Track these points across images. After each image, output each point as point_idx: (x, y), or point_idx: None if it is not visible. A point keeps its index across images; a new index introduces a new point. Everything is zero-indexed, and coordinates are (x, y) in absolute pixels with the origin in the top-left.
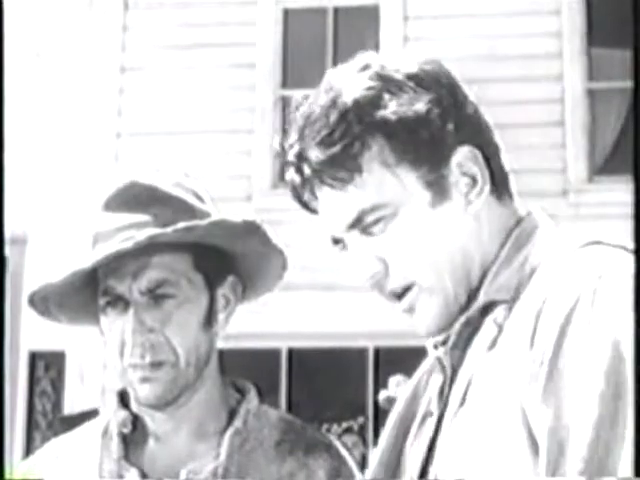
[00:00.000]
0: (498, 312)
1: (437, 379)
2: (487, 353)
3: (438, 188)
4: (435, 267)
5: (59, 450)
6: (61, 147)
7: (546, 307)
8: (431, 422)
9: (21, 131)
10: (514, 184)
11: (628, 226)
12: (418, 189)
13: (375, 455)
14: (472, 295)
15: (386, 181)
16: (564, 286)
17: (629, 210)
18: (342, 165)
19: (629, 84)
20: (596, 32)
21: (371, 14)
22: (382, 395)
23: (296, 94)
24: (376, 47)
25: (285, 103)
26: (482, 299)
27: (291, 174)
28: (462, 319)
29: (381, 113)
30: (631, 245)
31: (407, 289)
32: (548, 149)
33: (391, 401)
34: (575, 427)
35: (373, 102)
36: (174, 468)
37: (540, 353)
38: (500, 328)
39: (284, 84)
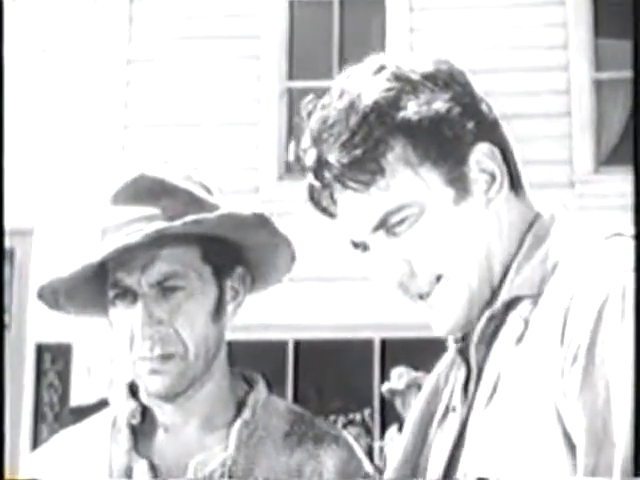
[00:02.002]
0: (523, 307)
1: (460, 374)
2: (515, 348)
3: (460, 185)
4: (461, 262)
5: (69, 442)
6: (68, 139)
7: (575, 303)
8: (455, 417)
9: (29, 124)
10: (526, 178)
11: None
12: (441, 187)
13: (397, 451)
14: (495, 290)
15: (410, 181)
16: (592, 281)
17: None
18: (365, 168)
19: None
20: (602, 22)
21: (377, 5)
22: (385, 387)
23: (302, 86)
24: (382, 38)
25: (291, 94)
26: (506, 294)
27: (310, 179)
28: (487, 314)
29: (402, 114)
30: (633, 235)
31: (432, 286)
32: (554, 140)
33: (394, 393)
34: (613, 424)
35: (393, 103)
36: (183, 459)
37: (573, 349)
38: (526, 323)
39: (290, 76)
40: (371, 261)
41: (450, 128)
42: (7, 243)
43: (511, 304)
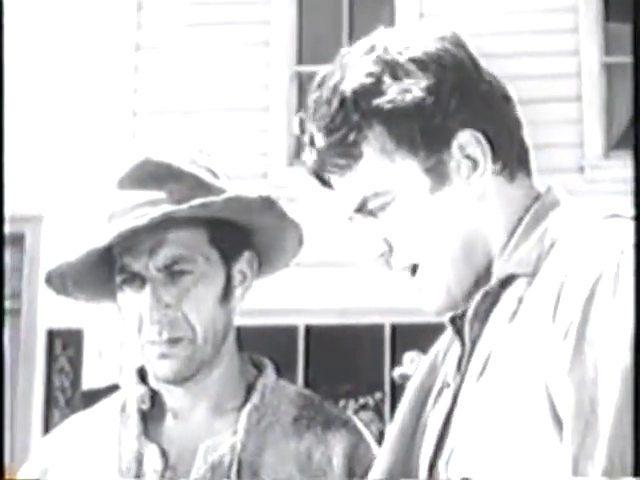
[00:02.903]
0: (518, 285)
1: (455, 351)
2: (507, 325)
3: (437, 174)
4: (435, 251)
5: (78, 427)
6: (77, 126)
7: (568, 281)
8: (448, 393)
9: (38, 111)
10: (533, 161)
11: None
12: (417, 175)
13: (392, 428)
14: (489, 268)
15: (384, 168)
16: (586, 260)
17: None
18: (342, 152)
19: None
20: (612, 6)
21: None
22: (397, 372)
23: (311, 70)
24: (391, 23)
25: (301, 79)
26: (501, 272)
27: (307, 154)
28: (482, 291)
29: (377, 101)
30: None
31: (411, 271)
32: (564, 124)
33: (405, 377)
34: (600, 403)
35: (371, 90)
36: (192, 444)
37: (564, 327)
38: (520, 301)
39: (299, 60)
40: (356, 237)
41: (426, 116)
42: (17, 229)
43: (507, 282)
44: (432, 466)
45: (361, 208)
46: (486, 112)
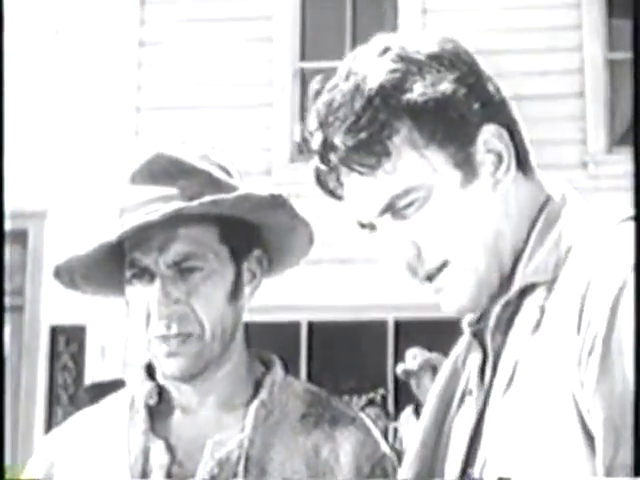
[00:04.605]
0: (538, 294)
1: (475, 357)
2: (531, 336)
3: (467, 167)
4: (468, 246)
5: (86, 422)
6: (81, 122)
7: (591, 290)
8: (471, 401)
9: (42, 106)
10: (534, 159)
11: None
12: (448, 170)
13: (416, 434)
14: (508, 276)
15: (416, 164)
16: (608, 268)
17: None
18: (370, 151)
19: None
20: (615, 2)
21: None
22: (399, 368)
23: (314, 66)
24: (395, 19)
25: (304, 76)
26: (520, 281)
27: (316, 162)
28: (502, 301)
29: (407, 96)
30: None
31: (440, 270)
32: (567, 120)
33: (408, 374)
34: (630, 413)
35: (398, 85)
36: (200, 440)
37: (590, 338)
38: (542, 311)
39: (302, 57)
40: (379, 243)
41: (456, 109)
42: (20, 225)
43: (526, 290)
44: (463, 474)
45: (388, 208)
46: (501, 110)
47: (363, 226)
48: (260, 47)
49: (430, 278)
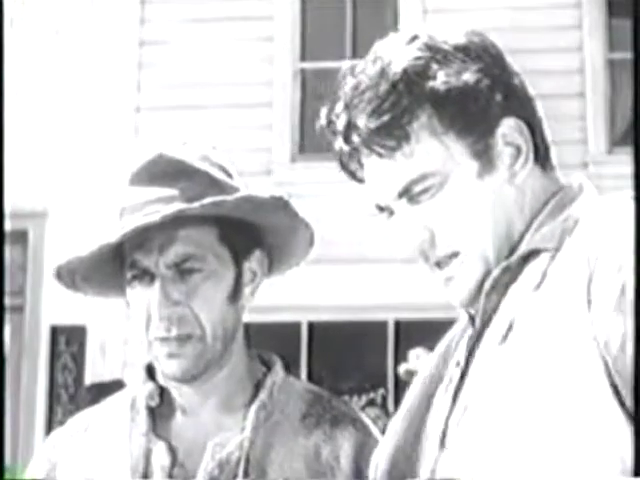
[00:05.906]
0: (542, 260)
1: (466, 340)
2: (532, 294)
3: (485, 158)
4: (480, 237)
5: (88, 422)
6: (80, 121)
7: (601, 253)
8: (457, 371)
9: (41, 106)
10: (554, 155)
11: None
12: (465, 159)
13: (400, 415)
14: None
15: (434, 150)
16: (617, 234)
17: None
18: (391, 134)
19: None
20: (616, 2)
21: None
22: (402, 368)
23: (315, 67)
24: (395, 19)
25: (304, 76)
26: (525, 247)
27: (339, 143)
28: (503, 264)
29: (430, 83)
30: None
31: (450, 258)
32: (568, 120)
33: (411, 374)
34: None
35: (422, 72)
36: (201, 441)
37: (601, 304)
38: (545, 274)
39: (303, 57)
40: (394, 226)
41: (478, 100)
42: (20, 225)
43: (529, 257)
44: (444, 434)
45: (405, 192)
46: (523, 104)
47: (382, 209)
48: (260, 47)
49: (440, 265)
